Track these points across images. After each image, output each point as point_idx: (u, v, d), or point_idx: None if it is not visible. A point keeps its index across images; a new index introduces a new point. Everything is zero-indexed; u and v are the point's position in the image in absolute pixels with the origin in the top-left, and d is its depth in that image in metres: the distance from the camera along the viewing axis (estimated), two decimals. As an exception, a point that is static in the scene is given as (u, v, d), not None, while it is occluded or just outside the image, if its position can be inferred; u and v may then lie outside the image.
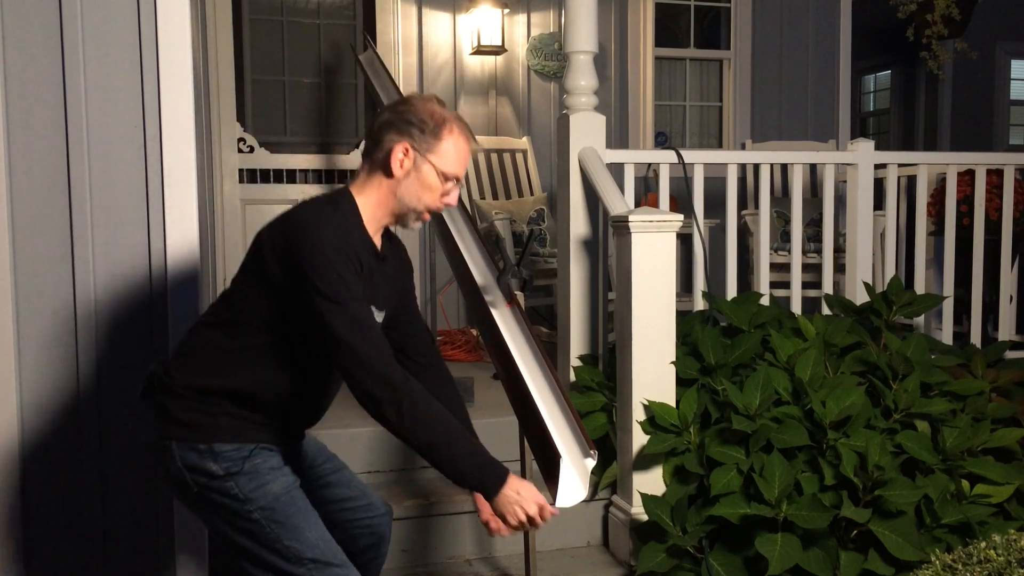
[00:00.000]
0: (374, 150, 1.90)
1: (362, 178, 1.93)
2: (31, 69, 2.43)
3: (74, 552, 2.53)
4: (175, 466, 1.84)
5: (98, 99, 2.47)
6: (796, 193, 3.71)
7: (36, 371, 2.48)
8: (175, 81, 2.50)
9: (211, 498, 1.85)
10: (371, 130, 1.92)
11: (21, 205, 2.45)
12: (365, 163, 1.93)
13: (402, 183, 1.89)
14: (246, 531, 1.85)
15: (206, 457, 1.83)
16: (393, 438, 3.00)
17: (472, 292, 2.52)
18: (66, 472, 2.51)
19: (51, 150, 2.46)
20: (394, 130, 1.88)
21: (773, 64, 5.65)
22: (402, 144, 1.87)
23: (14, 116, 2.43)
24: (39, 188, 2.46)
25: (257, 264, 1.84)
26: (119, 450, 2.54)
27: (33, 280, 2.47)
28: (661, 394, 2.92)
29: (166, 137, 2.51)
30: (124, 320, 2.53)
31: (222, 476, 1.83)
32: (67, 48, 2.44)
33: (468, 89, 5.15)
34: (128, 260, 2.52)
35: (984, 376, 3.26)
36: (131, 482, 2.55)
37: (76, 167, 2.47)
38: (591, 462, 2.13)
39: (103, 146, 2.48)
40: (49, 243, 2.47)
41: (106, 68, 2.47)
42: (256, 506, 1.84)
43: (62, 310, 2.48)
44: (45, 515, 2.51)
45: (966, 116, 7.70)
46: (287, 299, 1.80)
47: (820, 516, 2.58)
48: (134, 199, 2.51)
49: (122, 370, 2.52)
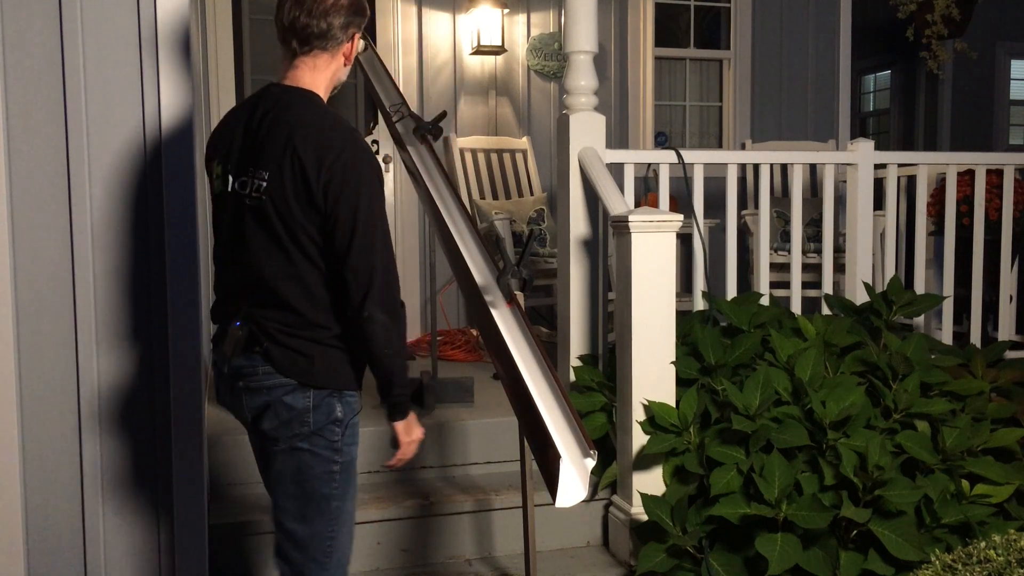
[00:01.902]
0: (327, 41, 2.02)
1: (305, 71, 2.04)
2: (31, 69, 2.43)
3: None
4: (303, 405, 1.95)
5: (98, 99, 2.47)
6: (796, 193, 3.71)
7: (36, 380, 2.49)
8: (175, 81, 2.50)
9: (315, 441, 1.97)
10: (331, 9, 2.00)
11: (21, 205, 2.44)
12: (305, 51, 2.02)
13: (345, 66, 2.12)
14: (318, 478, 1.98)
15: (335, 399, 1.98)
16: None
17: (472, 292, 2.52)
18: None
19: (51, 151, 2.45)
20: (355, 21, 2.06)
21: (773, 64, 5.65)
22: (359, 32, 2.09)
23: (14, 116, 2.43)
24: (39, 189, 2.45)
25: (304, 198, 1.92)
26: (120, 453, 2.54)
27: (33, 281, 2.46)
28: (661, 394, 2.92)
29: (166, 137, 2.51)
30: (124, 320, 2.53)
31: (340, 421, 1.99)
32: (67, 48, 2.44)
33: (468, 89, 5.16)
34: (129, 261, 2.52)
35: (984, 376, 3.26)
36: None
37: (76, 167, 2.46)
38: (591, 462, 2.13)
39: (103, 146, 2.48)
40: (49, 244, 2.47)
41: (106, 68, 2.47)
42: (344, 459, 2.01)
43: (62, 314, 2.48)
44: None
45: (966, 116, 7.70)
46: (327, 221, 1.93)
47: (820, 516, 2.58)
48: (134, 199, 2.51)
49: (122, 377, 2.53)
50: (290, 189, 1.90)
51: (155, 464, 2.58)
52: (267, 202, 1.93)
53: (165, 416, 2.54)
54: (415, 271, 4.97)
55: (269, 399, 1.98)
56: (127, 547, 2.56)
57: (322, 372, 1.97)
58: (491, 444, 3.28)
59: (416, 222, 4.98)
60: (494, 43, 5.00)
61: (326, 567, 2.03)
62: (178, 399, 2.53)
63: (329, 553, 2.03)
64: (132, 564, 2.56)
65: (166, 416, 2.54)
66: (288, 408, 1.97)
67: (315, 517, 2.00)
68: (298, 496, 2.00)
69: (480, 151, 4.95)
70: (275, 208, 1.92)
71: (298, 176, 1.89)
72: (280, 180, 1.91)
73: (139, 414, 2.54)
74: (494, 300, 2.45)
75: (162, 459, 2.56)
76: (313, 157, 1.89)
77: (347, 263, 1.91)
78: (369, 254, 1.91)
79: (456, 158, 4.82)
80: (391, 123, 2.91)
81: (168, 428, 2.55)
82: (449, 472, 3.23)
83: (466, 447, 3.26)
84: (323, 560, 2.02)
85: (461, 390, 3.53)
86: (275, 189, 1.92)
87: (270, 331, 1.96)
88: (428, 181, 2.76)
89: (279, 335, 1.96)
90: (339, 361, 2.00)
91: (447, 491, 3.07)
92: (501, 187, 4.94)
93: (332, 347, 1.99)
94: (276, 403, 1.97)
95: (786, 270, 3.93)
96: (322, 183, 1.88)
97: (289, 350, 1.96)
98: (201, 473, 2.62)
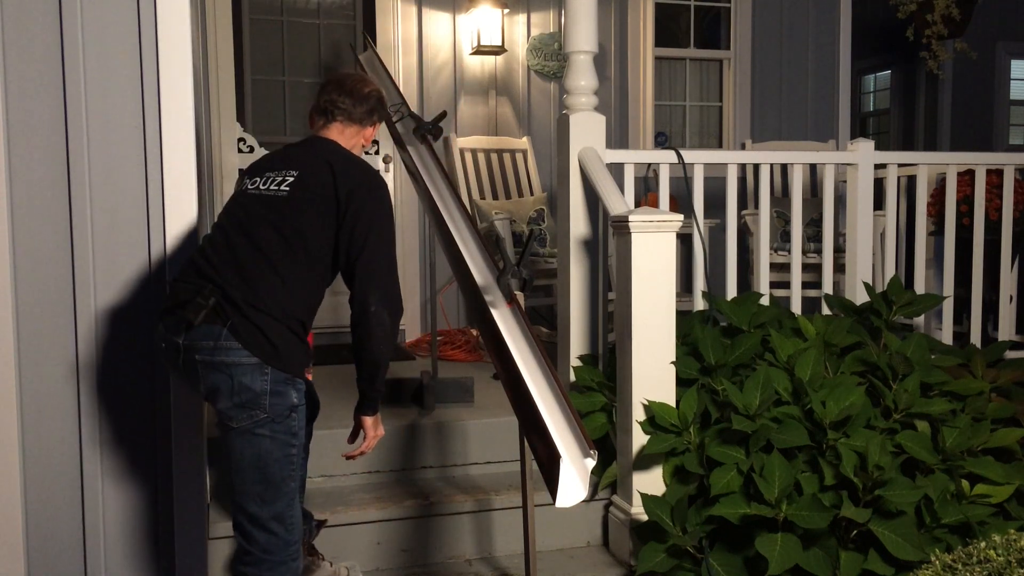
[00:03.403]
0: (363, 120, 2.40)
1: (335, 131, 2.37)
2: (31, 69, 2.43)
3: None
4: (261, 388, 2.03)
5: (98, 99, 2.47)
6: (796, 193, 3.71)
7: (36, 380, 2.49)
8: (175, 81, 2.50)
9: (274, 427, 2.06)
10: (364, 97, 2.39)
11: (21, 205, 2.44)
12: (340, 119, 2.37)
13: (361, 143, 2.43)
14: (278, 462, 2.08)
15: (289, 385, 2.08)
16: (393, 439, 3.01)
17: (472, 292, 2.52)
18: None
19: (51, 151, 2.45)
20: (380, 113, 2.47)
21: (773, 64, 5.65)
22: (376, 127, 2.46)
23: (14, 116, 2.43)
24: (39, 189, 2.45)
25: (327, 195, 2.16)
26: (116, 438, 2.55)
27: (33, 279, 2.46)
28: (661, 394, 2.92)
29: (166, 137, 2.51)
30: (123, 320, 2.53)
31: (295, 407, 2.09)
32: (67, 48, 2.44)
33: (468, 89, 5.15)
34: (128, 260, 2.52)
35: (984, 376, 3.26)
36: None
37: (76, 167, 2.46)
38: (591, 462, 2.13)
39: (103, 146, 2.48)
40: (49, 244, 2.47)
41: (106, 68, 2.47)
42: (299, 440, 2.13)
43: (62, 313, 2.48)
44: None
45: (966, 116, 7.69)
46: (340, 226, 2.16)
47: (820, 516, 2.58)
48: (134, 200, 2.51)
49: (120, 369, 2.53)
50: (313, 187, 2.15)
51: (155, 463, 2.58)
52: (286, 194, 2.15)
53: (165, 404, 2.57)
54: (415, 271, 4.97)
55: (226, 377, 2.04)
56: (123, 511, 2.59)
57: (284, 354, 2.07)
58: (491, 444, 3.28)
59: (416, 222, 4.98)
60: (494, 43, 4.99)
61: (290, 544, 2.13)
62: (177, 386, 2.56)
63: (291, 529, 2.14)
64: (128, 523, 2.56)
65: (165, 404, 2.57)
66: (246, 389, 2.04)
67: (276, 499, 2.10)
68: (259, 481, 2.09)
69: (480, 151, 4.95)
70: (291, 201, 2.14)
71: (326, 177, 2.16)
72: (306, 178, 2.18)
73: (138, 404, 2.54)
74: (494, 300, 2.45)
75: (162, 450, 2.57)
76: (343, 167, 2.20)
77: (360, 259, 2.11)
78: (378, 255, 2.14)
79: (456, 158, 4.82)
80: (391, 123, 2.91)
81: (168, 421, 2.56)
82: (449, 472, 3.23)
83: (466, 447, 3.26)
84: (287, 537, 2.12)
85: (461, 390, 3.53)
86: (299, 184, 2.16)
87: (239, 304, 2.05)
88: (428, 181, 2.76)
89: (248, 308, 2.05)
90: (297, 348, 2.11)
91: (447, 491, 3.07)
92: (501, 187, 4.94)
93: (294, 333, 2.10)
94: (234, 383, 2.03)
95: (786, 270, 3.93)
96: (347, 188, 2.15)
97: (255, 326, 2.05)
98: (201, 464, 2.62)
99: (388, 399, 3.39)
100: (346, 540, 2.87)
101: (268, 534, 2.11)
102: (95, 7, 2.46)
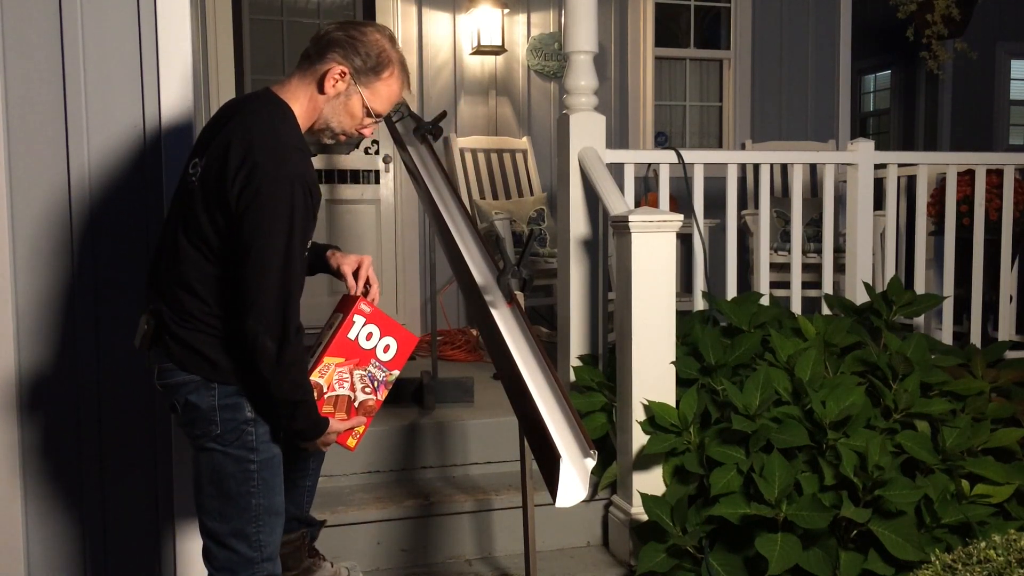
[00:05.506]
0: (315, 59, 1.95)
1: (294, 83, 1.97)
2: (31, 68, 2.43)
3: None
4: (208, 404, 1.89)
5: (98, 99, 2.47)
6: (796, 193, 3.71)
7: (37, 377, 2.49)
8: (175, 81, 2.50)
9: (226, 441, 1.92)
10: (318, 37, 1.96)
11: (21, 206, 2.45)
12: (302, 66, 1.97)
13: (329, 102, 1.96)
14: (234, 477, 1.93)
15: (243, 397, 1.91)
16: (393, 438, 3.00)
17: (472, 292, 2.52)
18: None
19: (51, 150, 2.45)
20: (339, 51, 1.94)
21: (773, 64, 5.65)
22: (341, 67, 1.93)
23: (14, 116, 2.43)
24: (39, 189, 2.45)
25: (220, 188, 1.82)
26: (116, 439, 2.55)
27: (33, 279, 2.47)
28: (661, 394, 2.92)
29: (166, 137, 2.51)
30: (123, 320, 2.53)
31: (251, 420, 1.92)
32: (67, 48, 2.44)
33: (468, 89, 5.16)
34: (129, 261, 2.52)
35: (984, 376, 3.26)
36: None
37: (76, 167, 2.46)
38: (591, 462, 2.13)
39: (103, 147, 2.48)
40: (49, 245, 2.47)
41: (106, 67, 2.47)
42: (261, 456, 1.95)
43: (62, 314, 2.49)
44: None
45: (966, 116, 7.70)
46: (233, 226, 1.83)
47: (820, 516, 2.58)
48: (134, 200, 2.51)
49: (121, 372, 2.53)
50: (207, 179, 1.85)
51: (155, 460, 2.58)
52: (196, 188, 1.87)
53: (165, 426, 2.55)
54: (415, 271, 4.97)
55: (176, 398, 1.92)
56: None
57: (224, 368, 1.89)
58: (491, 444, 3.28)
59: (416, 222, 4.99)
60: (494, 43, 5.00)
61: (253, 562, 1.98)
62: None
63: (256, 547, 1.98)
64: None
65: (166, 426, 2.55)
66: (194, 407, 1.91)
67: (235, 515, 1.95)
68: (216, 496, 1.95)
69: (480, 151, 4.95)
70: (198, 196, 1.86)
71: (219, 172, 1.83)
72: (208, 171, 1.85)
73: (137, 403, 2.55)
74: (494, 300, 2.44)
75: (162, 447, 2.57)
76: (238, 160, 1.80)
77: (238, 273, 1.83)
78: (261, 272, 1.80)
79: (456, 158, 4.82)
80: (391, 123, 2.90)
81: (167, 416, 2.56)
82: (449, 472, 3.23)
83: (466, 447, 3.26)
84: (249, 555, 1.98)
85: (461, 390, 3.53)
86: (203, 178, 1.86)
87: (167, 322, 1.89)
88: (428, 181, 2.76)
89: (175, 326, 1.89)
90: (242, 359, 1.89)
91: (447, 491, 3.07)
92: (501, 187, 4.94)
93: (236, 344, 1.89)
94: (183, 403, 1.92)
95: (786, 270, 3.93)
96: (237, 185, 1.80)
97: (185, 345, 1.89)
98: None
99: (388, 399, 3.38)
100: (346, 540, 2.87)
101: (228, 551, 1.97)
102: (95, 7, 2.45)
